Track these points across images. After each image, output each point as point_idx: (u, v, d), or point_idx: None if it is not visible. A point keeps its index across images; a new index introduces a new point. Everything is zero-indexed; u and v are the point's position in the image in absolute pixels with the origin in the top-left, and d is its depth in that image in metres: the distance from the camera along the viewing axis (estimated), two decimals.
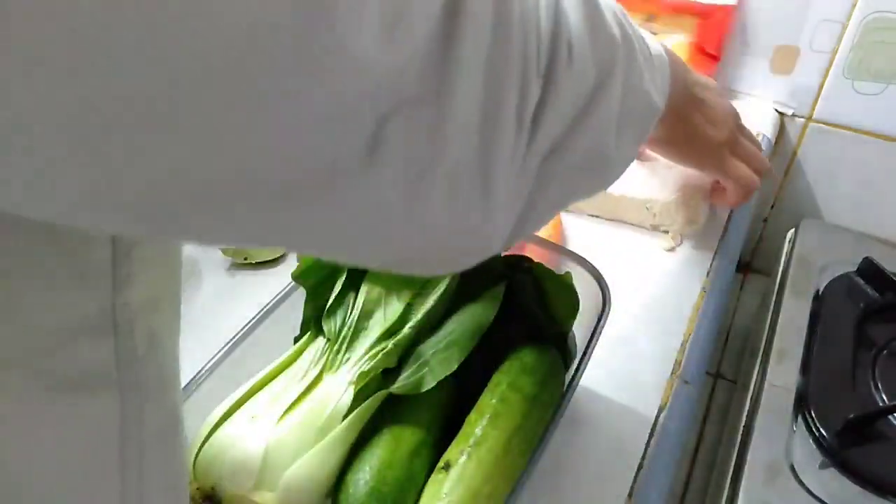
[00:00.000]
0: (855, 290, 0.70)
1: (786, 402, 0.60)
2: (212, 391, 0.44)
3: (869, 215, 0.96)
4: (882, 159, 0.90)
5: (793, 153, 0.95)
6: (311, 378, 0.42)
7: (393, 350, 0.43)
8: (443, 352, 0.43)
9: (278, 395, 0.42)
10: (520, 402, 0.43)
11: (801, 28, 0.84)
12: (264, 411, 0.40)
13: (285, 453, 0.38)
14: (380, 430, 0.41)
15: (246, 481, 0.37)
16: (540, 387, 0.44)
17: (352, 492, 0.38)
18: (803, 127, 0.92)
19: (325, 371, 0.43)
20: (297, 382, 0.42)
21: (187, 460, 0.40)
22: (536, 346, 0.47)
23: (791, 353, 0.65)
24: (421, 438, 0.41)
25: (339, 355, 0.43)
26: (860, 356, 0.63)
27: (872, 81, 0.84)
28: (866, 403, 0.59)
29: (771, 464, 0.55)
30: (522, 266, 0.48)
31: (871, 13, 0.80)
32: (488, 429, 0.41)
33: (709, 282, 0.67)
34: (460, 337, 0.44)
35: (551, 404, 0.45)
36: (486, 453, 0.40)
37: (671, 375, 0.58)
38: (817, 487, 0.53)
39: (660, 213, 0.68)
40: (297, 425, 0.39)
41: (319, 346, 0.45)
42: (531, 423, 0.43)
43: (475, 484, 0.38)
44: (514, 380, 0.44)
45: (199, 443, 0.40)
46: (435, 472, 0.40)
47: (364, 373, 0.42)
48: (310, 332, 0.47)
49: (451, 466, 0.39)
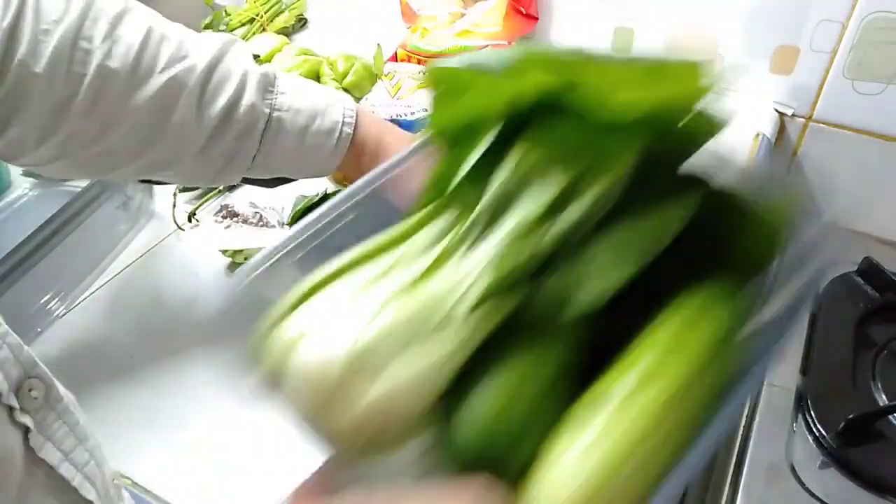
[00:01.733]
0: (855, 290, 0.70)
1: (786, 402, 0.60)
2: None
3: (869, 215, 0.96)
4: (882, 159, 0.90)
5: (793, 153, 0.95)
6: (433, 258, 0.32)
7: (547, 239, 0.32)
8: (609, 254, 0.32)
9: (386, 272, 0.32)
10: (698, 350, 0.31)
11: (801, 28, 0.84)
12: (365, 291, 0.31)
13: (386, 347, 0.29)
14: (510, 346, 0.32)
15: (329, 376, 0.28)
16: (726, 338, 0.33)
17: (468, 415, 0.30)
18: (803, 127, 0.92)
19: (452, 251, 0.32)
20: (413, 261, 0.32)
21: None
22: (723, 284, 0.35)
23: (791, 353, 0.65)
24: (560, 370, 0.32)
25: (473, 234, 0.33)
26: (860, 356, 0.63)
27: (872, 81, 0.84)
28: (866, 403, 0.59)
29: (771, 464, 0.55)
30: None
31: (871, 13, 0.80)
32: (651, 372, 0.30)
33: None
34: (637, 241, 0.32)
35: (730, 370, 0.32)
36: (642, 406, 0.29)
37: None
38: (817, 487, 0.53)
39: None
40: (407, 314, 0.30)
41: (448, 219, 0.34)
42: (703, 387, 0.31)
43: (628, 441, 0.28)
44: (694, 319, 0.32)
45: (280, 315, 0.31)
46: (575, 410, 0.30)
47: (505, 260, 0.31)
48: (436, 199, 0.36)
49: (598, 412, 0.29)
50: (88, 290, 0.66)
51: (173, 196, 0.74)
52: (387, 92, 0.90)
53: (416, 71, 0.94)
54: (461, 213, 0.34)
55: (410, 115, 0.86)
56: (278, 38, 1.01)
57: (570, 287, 0.32)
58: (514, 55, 0.33)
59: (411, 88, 0.90)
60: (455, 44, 0.98)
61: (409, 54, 0.99)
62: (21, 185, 0.79)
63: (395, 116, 0.86)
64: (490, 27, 1.01)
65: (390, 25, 1.10)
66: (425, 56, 0.98)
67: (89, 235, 0.66)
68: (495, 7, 1.01)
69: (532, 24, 1.01)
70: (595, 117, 0.32)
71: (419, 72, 0.94)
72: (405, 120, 0.85)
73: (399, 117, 0.86)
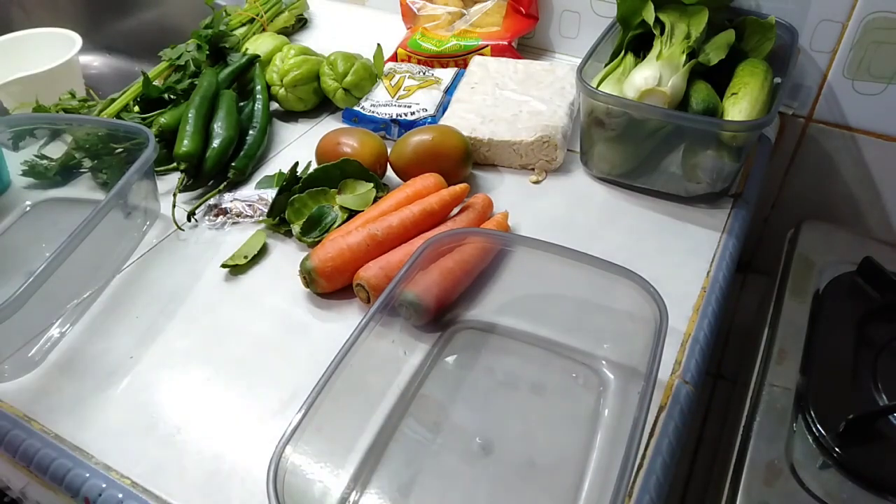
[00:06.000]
0: (855, 290, 0.70)
1: (786, 402, 0.60)
2: None
3: (869, 215, 0.96)
4: (882, 159, 0.90)
5: (793, 153, 0.95)
6: (657, 52, 0.74)
7: (693, 41, 0.76)
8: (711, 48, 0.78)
9: (634, 63, 0.77)
10: (759, 75, 0.76)
11: (801, 28, 0.84)
12: (637, 68, 0.75)
13: (668, 73, 0.72)
14: (693, 82, 0.75)
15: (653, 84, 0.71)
16: (767, 72, 0.77)
17: (694, 102, 0.73)
18: (803, 127, 0.92)
19: (662, 49, 0.75)
20: (652, 53, 0.75)
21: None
22: (755, 59, 0.80)
23: (791, 353, 0.65)
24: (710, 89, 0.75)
25: (657, 47, 0.75)
26: (860, 356, 0.63)
27: (872, 81, 0.84)
28: (866, 403, 0.59)
29: (771, 464, 0.55)
30: None
31: (871, 13, 0.80)
32: (748, 79, 0.75)
33: (709, 282, 0.67)
34: (723, 43, 0.78)
35: None
36: (750, 88, 0.74)
37: (671, 375, 0.58)
38: (817, 487, 0.53)
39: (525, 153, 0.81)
40: (667, 61, 0.73)
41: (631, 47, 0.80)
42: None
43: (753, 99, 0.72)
44: (751, 68, 0.77)
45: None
46: (727, 98, 0.74)
47: (689, 45, 0.75)
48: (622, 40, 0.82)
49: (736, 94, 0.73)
50: (88, 291, 0.66)
51: (173, 196, 0.74)
52: (387, 92, 0.90)
53: (416, 71, 0.94)
54: (657, 37, 0.77)
55: (410, 115, 0.86)
56: (278, 38, 1.01)
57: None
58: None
59: (411, 88, 0.90)
60: (455, 44, 0.98)
61: (409, 54, 0.99)
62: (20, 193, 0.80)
63: (395, 116, 0.86)
64: (490, 27, 1.01)
65: (390, 25, 1.10)
66: (425, 56, 0.98)
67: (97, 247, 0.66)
68: (495, 7, 1.01)
69: (532, 23, 1.01)
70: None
71: (419, 72, 0.94)
72: (405, 120, 0.85)
73: (399, 117, 0.86)
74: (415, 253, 0.58)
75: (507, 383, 0.59)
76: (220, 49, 0.96)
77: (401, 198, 0.71)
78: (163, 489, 0.51)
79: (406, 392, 0.57)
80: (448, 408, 0.57)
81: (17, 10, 1.38)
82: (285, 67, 0.89)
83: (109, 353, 0.61)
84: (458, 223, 0.69)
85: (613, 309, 0.58)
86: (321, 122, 0.92)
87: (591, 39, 0.82)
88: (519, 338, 0.62)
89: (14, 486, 0.61)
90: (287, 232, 0.73)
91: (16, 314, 0.54)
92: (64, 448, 0.54)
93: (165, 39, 0.98)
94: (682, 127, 0.72)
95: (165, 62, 0.92)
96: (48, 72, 0.96)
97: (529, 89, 0.87)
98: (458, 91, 0.88)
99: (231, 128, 0.80)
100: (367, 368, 0.54)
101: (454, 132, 0.77)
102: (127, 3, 1.32)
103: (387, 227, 0.66)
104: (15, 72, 0.94)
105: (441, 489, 0.51)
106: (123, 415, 0.56)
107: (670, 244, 0.71)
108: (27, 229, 0.77)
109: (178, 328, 0.64)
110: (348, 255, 0.64)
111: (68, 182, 0.80)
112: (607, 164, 0.78)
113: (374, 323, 0.53)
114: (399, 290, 0.57)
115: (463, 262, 0.63)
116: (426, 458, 0.53)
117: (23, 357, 0.60)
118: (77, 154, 0.78)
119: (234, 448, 0.54)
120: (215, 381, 0.59)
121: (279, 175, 0.80)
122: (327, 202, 0.73)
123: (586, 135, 0.78)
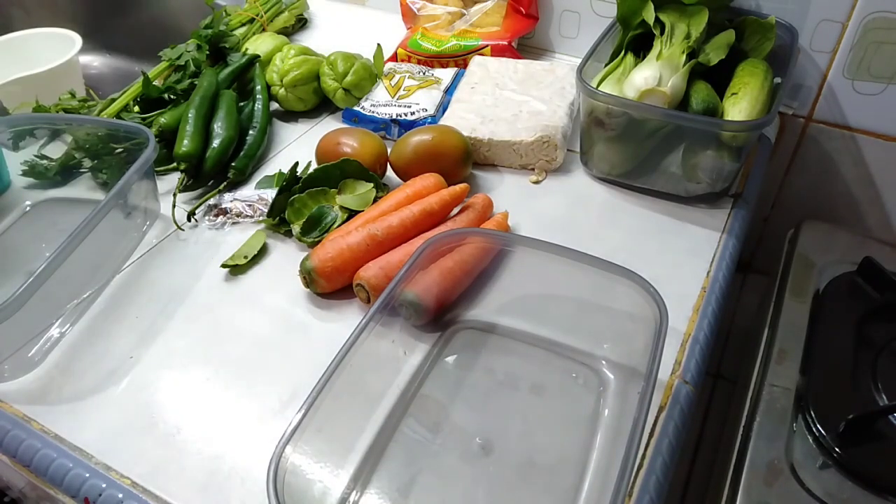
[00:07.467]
0: (855, 290, 0.70)
1: (786, 402, 0.60)
2: None
3: (869, 215, 0.96)
4: (882, 159, 0.90)
5: (793, 153, 0.95)
6: (657, 53, 0.74)
7: (693, 42, 0.76)
8: (712, 47, 0.78)
9: (633, 64, 0.77)
10: (759, 75, 0.76)
11: (801, 28, 0.84)
12: (636, 67, 0.75)
13: (668, 73, 0.72)
14: (697, 81, 0.75)
15: (653, 84, 0.71)
16: (767, 72, 0.77)
17: (694, 102, 0.73)
18: (803, 127, 0.92)
19: (660, 51, 0.75)
20: (652, 53, 0.75)
21: None
22: (755, 59, 0.80)
23: (791, 353, 0.65)
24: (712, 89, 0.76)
25: (658, 47, 0.75)
26: (860, 356, 0.63)
27: (872, 81, 0.84)
28: (866, 403, 0.59)
29: (771, 464, 0.55)
30: None
31: (871, 13, 0.80)
32: (748, 79, 0.75)
33: (709, 282, 0.67)
34: (723, 42, 0.79)
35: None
36: (750, 88, 0.74)
37: (671, 375, 0.58)
38: (817, 487, 0.53)
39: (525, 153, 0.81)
40: (667, 61, 0.73)
41: (630, 47, 0.80)
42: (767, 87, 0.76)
43: (753, 99, 0.72)
44: (751, 68, 0.77)
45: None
46: (727, 98, 0.74)
47: (689, 45, 0.75)
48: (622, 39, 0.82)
49: (736, 94, 0.73)
50: (88, 291, 0.66)
51: (173, 196, 0.74)
52: (387, 92, 0.90)
53: (416, 71, 0.94)
54: (657, 38, 0.77)
55: (410, 115, 0.86)
56: (278, 38, 1.01)
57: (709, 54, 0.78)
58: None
59: (411, 88, 0.90)
60: (455, 44, 0.98)
61: (409, 54, 0.99)
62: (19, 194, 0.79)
63: (395, 116, 0.86)
64: (490, 27, 1.01)
65: (390, 25, 1.10)
66: (425, 56, 0.98)
67: (97, 247, 0.66)
68: (495, 7, 1.01)
69: (532, 23, 1.01)
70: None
71: (419, 72, 0.94)
72: (405, 120, 0.85)
73: (399, 117, 0.86)
74: (415, 253, 0.58)
75: (507, 383, 0.59)
76: (220, 49, 0.96)
77: (401, 198, 0.71)
78: (163, 489, 0.51)
79: (406, 392, 0.57)
80: (448, 408, 0.57)
81: (17, 10, 1.38)
82: (285, 67, 0.89)
83: (109, 353, 0.61)
84: (458, 223, 0.69)
85: (613, 309, 0.58)
86: (321, 122, 0.92)
87: (591, 39, 0.82)
88: (519, 338, 0.62)
89: (14, 486, 0.61)
90: (287, 232, 0.73)
91: (16, 314, 0.54)
92: (64, 448, 0.54)
93: (165, 39, 0.98)
94: (682, 127, 0.72)
95: (165, 62, 0.92)
96: (48, 72, 0.96)
97: (529, 89, 0.87)
98: (458, 91, 0.88)
99: (231, 128, 0.80)
100: (367, 368, 0.54)
101: (454, 132, 0.77)
102: (127, 3, 1.32)
103: (387, 227, 0.66)
104: (15, 72, 0.94)
105: (441, 489, 0.51)
106: (123, 415, 0.56)
107: (670, 244, 0.71)
108: (27, 229, 0.77)
109: (177, 328, 0.64)
110: (348, 255, 0.64)
111: (68, 182, 0.80)
112: (607, 164, 0.78)
113: (374, 323, 0.53)
114: (399, 290, 0.57)
115: (463, 262, 0.63)
116: (426, 458, 0.53)
117: (23, 357, 0.60)
118: (77, 154, 0.78)
119: (233, 448, 0.54)
120: (215, 380, 0.59)
121: (279, 175, 0.80)
122: (327, 202, 0.73)
123: (586, 135, 0.78)
